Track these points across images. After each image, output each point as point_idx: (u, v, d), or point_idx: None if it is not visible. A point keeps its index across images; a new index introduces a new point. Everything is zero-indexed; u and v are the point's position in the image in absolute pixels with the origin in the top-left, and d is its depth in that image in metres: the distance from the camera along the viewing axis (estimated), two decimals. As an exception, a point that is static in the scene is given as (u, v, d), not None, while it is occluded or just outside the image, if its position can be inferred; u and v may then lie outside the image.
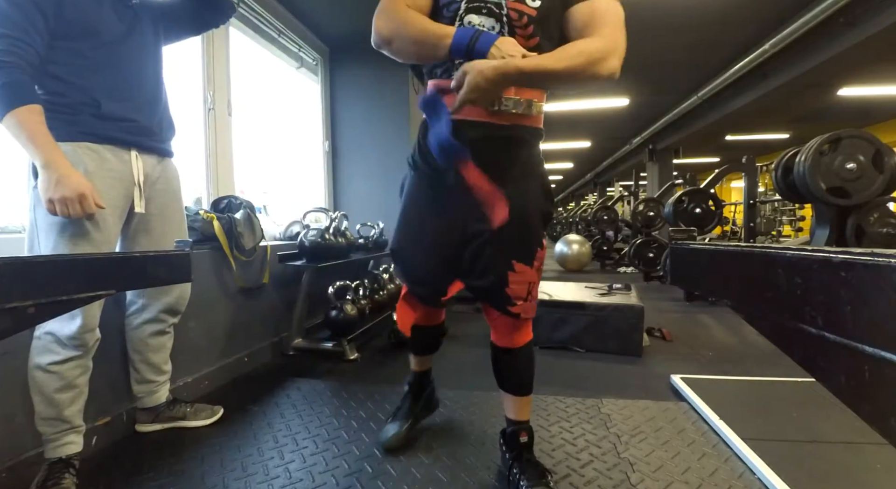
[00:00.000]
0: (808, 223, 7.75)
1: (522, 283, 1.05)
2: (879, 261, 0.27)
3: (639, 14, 3.62)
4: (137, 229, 1.33)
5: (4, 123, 1.02)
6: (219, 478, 1.20)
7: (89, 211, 1.08)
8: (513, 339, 1.16)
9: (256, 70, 2.82)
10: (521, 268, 1.04)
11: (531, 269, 1.06)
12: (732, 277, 0.44)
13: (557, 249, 6.10)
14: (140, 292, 1.40)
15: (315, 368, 2.08)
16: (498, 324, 1.15)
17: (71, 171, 1.05)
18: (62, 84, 1.13)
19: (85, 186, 1.06)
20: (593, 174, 13.60)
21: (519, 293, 1.05)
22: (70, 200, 1.04)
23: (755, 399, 1.67)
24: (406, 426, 1.37)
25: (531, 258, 1.06)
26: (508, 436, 1.20)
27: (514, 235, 1.02)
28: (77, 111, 1.14)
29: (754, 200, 3.51)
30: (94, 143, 1.16)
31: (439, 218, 1.06)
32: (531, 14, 0.95)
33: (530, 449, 1.18)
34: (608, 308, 2.31)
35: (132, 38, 1.27)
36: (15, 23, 1.02)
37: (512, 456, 1.16)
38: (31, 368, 1.12)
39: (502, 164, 1.01)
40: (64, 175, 1.04)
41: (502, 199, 0.90)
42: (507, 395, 1.20)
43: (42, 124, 1.04)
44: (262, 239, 2.04)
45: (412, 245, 1.12)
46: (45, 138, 1.04)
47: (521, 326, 1.15)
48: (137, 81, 1.28)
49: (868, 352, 0.27)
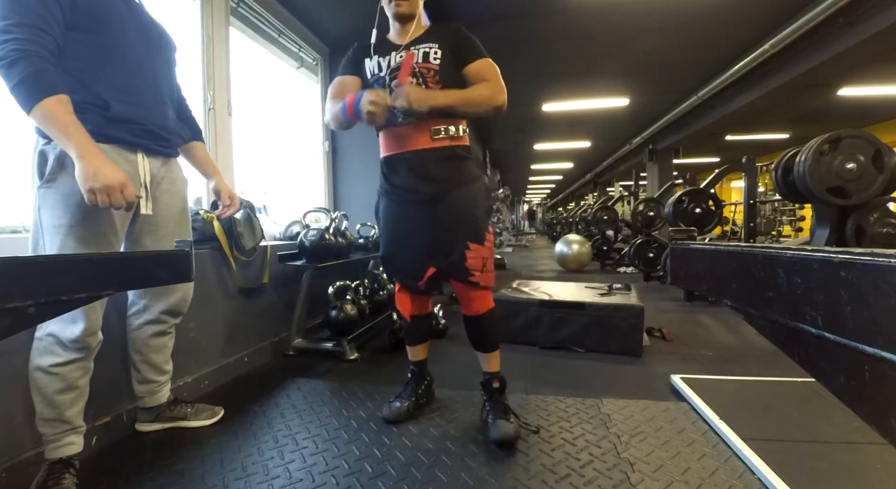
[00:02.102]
0: (808, 223, 7.74)
1: (477, 258, 1.39)
2: (879, 261, 0.27)
3: (639, 14, 3.62)
4: (143, 230, 1.32)
5: (33, 115, 0.99)
6: (219, 478, 1.20)
7: (130, 200, 1.07)
8: (476, 307, 1.46)
9: (256, 70, 2.82)
10: (474, 247, 1.39)
11: (482, 247, 1.41)
12: (732, 277, 0.44)
13: (557, 249, 6.09)
14: (142, 293, 1.40)
15: (315, 368, 2.08)
16: (464, 298, 1.46)
17: (106, 161, 1.04)
18: (72, 80, 1.10)
19: (123, 176, 1.05)
20: (593, 174, 13.61)
21: (476, 265, 1.39)
22: (112, 189, 1.03)
23: (755, 399, 1.67)
24: (409, 404, 1.55)
25: (482, 239, 1.41)
26: (484, 384, 1.51)
27: (466, 224, 1.39)
28: (85, 110, 1.11)
29: (754, 200, 3.50)
30: (101, 144, 1.14)
31: (410, 224, 1.42)
32: (435, 68, 1.35)
33: (502, 393, 1.49)
34: (608, 308, 2.31)
35: (145, 35, 1.26)
36: (33, 11, 1.00)
37: (486, 398, 1.49)
38: (32, 369, 1.12)
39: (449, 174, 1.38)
40: (102, 164, 1.02)
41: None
42: (479, 353, 1.51)
43: (71, 114, 1.02)
44: (262, 239, 2.04)
45: (395, 249, 1.47)
46: (76, 129, 1.01)
47: (483, 296, 1.45)
48: (149, 82, 1.26)
49: (868, 352, 0.27)
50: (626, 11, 3.57)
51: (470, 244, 1.38)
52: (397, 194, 1.42)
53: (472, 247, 1.38)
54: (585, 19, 3.74)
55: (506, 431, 1.34)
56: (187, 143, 1.47)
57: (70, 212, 1.09)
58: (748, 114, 6.05)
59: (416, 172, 1.37)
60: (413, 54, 1.36)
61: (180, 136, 1.41)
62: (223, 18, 2.27)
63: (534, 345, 2.38)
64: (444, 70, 1.36)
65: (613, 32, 3.99)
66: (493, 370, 1.50)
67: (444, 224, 1.37)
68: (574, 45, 4.26)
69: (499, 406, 1.44)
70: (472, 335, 1.51)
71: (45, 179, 1.09)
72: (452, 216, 1.37)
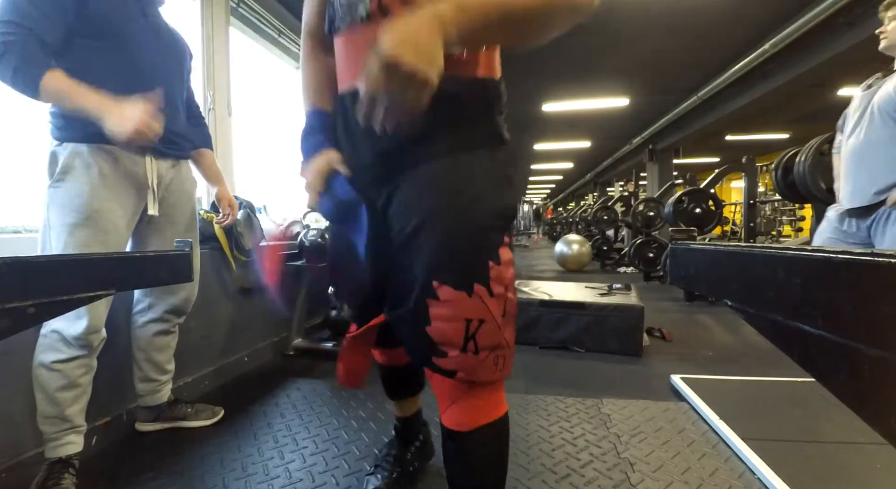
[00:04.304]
0: (808, 223, 7.75)
1: (456, 320, 0.67)
2: (879, 261, 0.27)
3: (639, 14, 3.62)
4: (149, 231, 1.33)
5: (42, 99, 1.02)
6: (219, 478, 1.20)
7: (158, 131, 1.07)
8: (462, 416, 0.74)
9: (256, 70, 2.82)
10: (448, 296, 0.66)
11: (467, 297, 0.67)
12: (732, 277, 0.44)
13: (557, 249, 6.11)
14: (147, 291, 1.41)
15: (315, 368, 2.08)
16: (437, 390, 0.76)
17: (122, 106, 1.04)
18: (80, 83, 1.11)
19: (142, 110, 1.04)
20: (593, 174, 13.60)
21: (448, 336, 0.67)
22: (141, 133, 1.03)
23: (755, 399, 1.67)
24: (392, 478, 1.07)
25: (473, 277, 0.67)
26: None
27: (439, 237, 0.68)
28: None
29: (754, 200, 3.51)
30: (108, 145, 1.15)
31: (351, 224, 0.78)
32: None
33: None
34: (608, 308, 2.31)
35: (159, 41, 1.27)
36: (24, 12, 1.01)
37: None
38: (35, 366, 1.13)
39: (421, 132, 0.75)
40: (120, 110, 1.03)
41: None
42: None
43: (71, 82, 1.03)
44: (262, 239, 2.04)
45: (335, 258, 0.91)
46: (82, 93, 1.03)
47: (476, 393, 0.73)
48: (161, 87, 1.25)
49: (868, 352, 0.27)
50: (626, 11, 3.57)
51: (439, 288, 0.67)
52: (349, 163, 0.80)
53: (445, 294, 0.67)
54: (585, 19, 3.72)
55: None
56: (197, 149, 1.49)
57: (77, 211, 1.11)
58: (748, 114, 6.05)
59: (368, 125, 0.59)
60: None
61: (191, 140, 1.43)
62: (223, 18, 2.27)
63: (534, 345, 2.38)
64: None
65: (613, 32, 3.99)
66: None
67: (400, 233, 0.71)
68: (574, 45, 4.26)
69: None
70: (448, 466, 0.81)
71: (54, 179, 1.13)
72: (413, 217, 0.70)
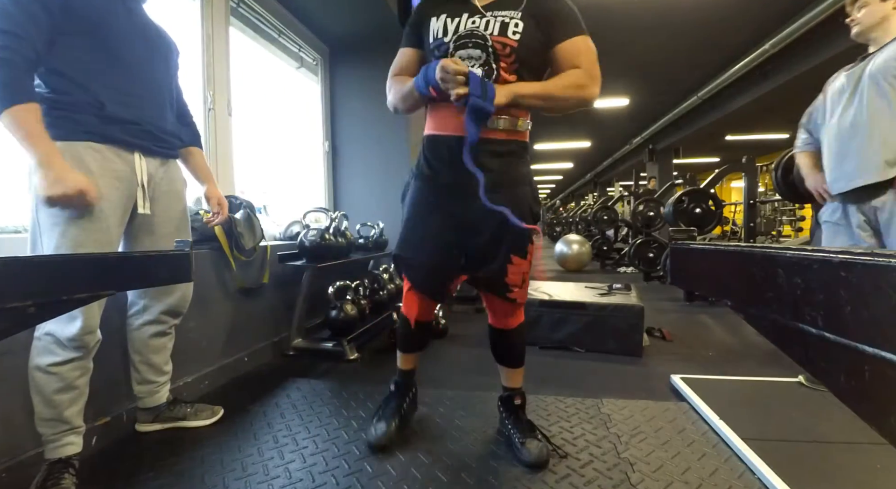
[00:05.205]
0: (808, 223, 7.74)
1: (518, 273, 1.24)
2: (879, 262, 0.27)
3: (639, 14, 3.63)
4: (140, 230, 1.32)
5: (2, 121, 1.00)
6: (219, 478, 1.20)
7: (90, 204, 1.08)
8: (508, 322, 1.33)
9: (256, 70, 2.81)
10: (517, 261, 1.22)
11: (525, 261, 1.24)
12: (732, 277, 0.44)
13: (557, 249, 6.10)
14: (142, 293, 1.40)
15: (315, 368, 2.08)
16: (496, 309, 1.33)
17: (66, 169, 1.05)
18: (66, 81, 1.11)
19: (82, 182, 1.06)
20: (593, 174, 13.61)
21: (515, 281, 1.24)
22: (69, 198, 1.04)
23: (755, 399, 1.67)
24: (395, 424, 1.38)
25: (525, 252, 1.24)
26: (505, 400, 1.41)
27: (512, 233, 1.18)
28: (80, 110, 1.12)
29: (754, 200, 3.50)
30: (96, 143, 1.15)
31: (446, 220, 1.22)
32: (512, 45, 1.10)
33: (523, 409, 1.38)
34: (608, 308, 2.31)
35: (145, 39, 1.26)
36: (13, 18, 1.00)
37: (507, 415, 1.38)
38: (31, 369, 1.12)
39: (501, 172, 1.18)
40: (60, 172, 1.03)
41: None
42: (503, 367, 1.40)
43: (38, 123, 1.03)
44: (262, 239, 2.04)
45: (419, 245, 1.26)
46: (40, 137, 1.02)
47: (516, 310, 1.32)
48: (148, 84, 1.27)
49: (868, 352, 0.27)
50: (626, 11, 3.57)
51: (513, 257, 1.21)
52: (437, 182, 1.21)
53: (516, 260, 1.21)
54: (586, 19, 3.72)
55: (539, 454, 1.24)
56: (186, 146, 1.47)
57: (67, 211, 1.10)
58: (748, 114, 6.06)
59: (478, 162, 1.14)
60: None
61: (179, 138, 1.42)
62: (223, 18, 2.27)
63: (534, 345, 2.37)
64: (524, 48, 1.11)
65: (614, 32, 3.99)
66: (515, 386, 1.40)
67: (489, 228, 1.18)
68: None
69: (524, 425, 1.33)
70: (499, 349, 1.39)
71: None
72: (499, 221, 1.15)
